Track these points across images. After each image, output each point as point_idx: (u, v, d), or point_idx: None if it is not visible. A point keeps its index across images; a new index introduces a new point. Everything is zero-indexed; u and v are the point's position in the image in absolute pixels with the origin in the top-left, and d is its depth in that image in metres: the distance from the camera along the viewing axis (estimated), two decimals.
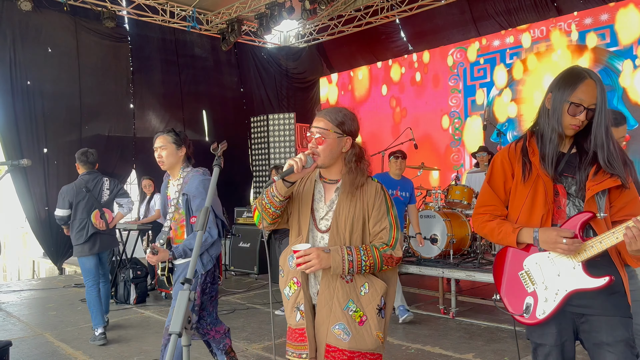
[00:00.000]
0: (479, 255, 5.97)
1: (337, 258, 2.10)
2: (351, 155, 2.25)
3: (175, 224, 3.20)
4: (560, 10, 8.87)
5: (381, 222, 2.21)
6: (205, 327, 3.40)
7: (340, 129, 2.22)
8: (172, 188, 3.29)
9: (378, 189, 2.26)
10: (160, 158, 3.21)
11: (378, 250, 2.16)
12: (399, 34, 11.06)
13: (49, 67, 9.20)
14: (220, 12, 10.61)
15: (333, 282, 2.18)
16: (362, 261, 2.12)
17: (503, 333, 5.14)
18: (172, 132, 3.27)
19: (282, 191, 2.17)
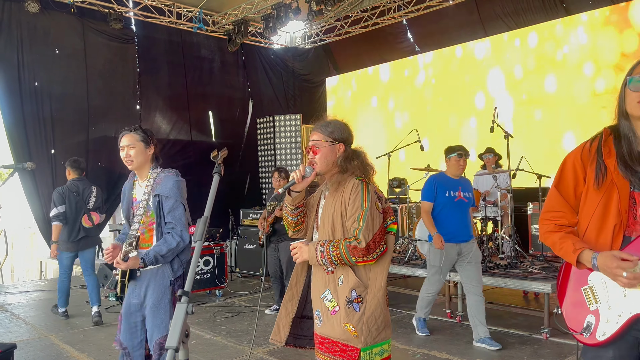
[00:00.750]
0: (486, 259, 5.91)
1: (312, 250, 2.38)
2: (341, 158, 2.43)
3: (143, 227, 3.02)
4: (569, 10, 8.78)
5: (354, 216, 2.33)
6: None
7: (332, 137, 2.45)
8: (139, 189, 3.11)
9: (355, 184, 2.37)
10: (129, 157, 3.03)
11: (343, 242, 2.31)
12: (406, 35, 11.00)
13: (57, 68, 9.23)
14: (226, 13, 10.61)
15: (317, 272, 2.47)
16: (330, 252, 2.30)
17: (511, 338, 5.08)
18: (140, 130, 3.12)
19: (289, 201, 2.48)
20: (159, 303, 2.97)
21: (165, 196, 3.00)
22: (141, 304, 3.01)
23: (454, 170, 4.98)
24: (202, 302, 6.90)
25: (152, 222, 3.02)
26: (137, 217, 2.99)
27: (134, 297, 3.02)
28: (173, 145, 10.79)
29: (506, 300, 6.39)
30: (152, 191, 3.03)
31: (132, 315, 3.04)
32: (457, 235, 4.91)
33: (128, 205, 3.12)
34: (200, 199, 9.61)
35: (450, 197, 4.90)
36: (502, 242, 6.57)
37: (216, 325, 5.81)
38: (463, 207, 4.97)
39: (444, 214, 4.91)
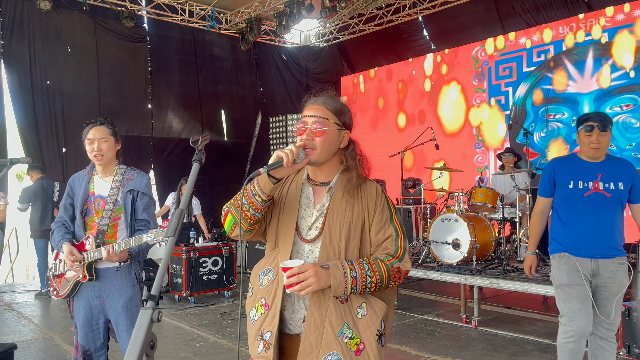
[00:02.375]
0: (503, 262, 5.66)
1: (339, 275, 1.73)
2: (352, 151, 1.92)
3: (109, 222, 2.93)
4: (591, 6, 8.47)
5: (385, 229, 1.86)
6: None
7: (340, 120, 1.89)
8: (101, 184, 2.99)
9: (379, 190, 1.92)
10: (100, 151, 2.90)
11: (384, 264, 1.80)
12: (422, 32, 10.75)
13: (69, 67, 9.20)
14: (239, 11, 10.49)
15: (325, 302, 1.79)
16: (368, 277, 1.76)
17: (529, 345, 4.83)
18: (111, 124, 2.98)
19: (267, 188, 1.77)
20: (130, 303, 2.91)
21: (141, 192, 2.97)
22: (102, 304, 2.92)
23: (585, 149, 3.28)
24: (210, 304, 6.76)
25: (117, 218, 2.93)
26: (107, 212, 2.91)
27: (94, 299, 2.93)
28: (185, 144, 10.70)
29: (524, 305, 6.13)
30: (123, 186, 2.96)
31: (93, 317, 2.95)
32: (590, 247, 3.19)
33: (84, 199, 2.95)
34: (212, 198, 9.51)
35: (578, 189, 3.25)
36: (519, 245, 6.31)
37: (223, 327, 5.65)
38: (601, 204, 3.23)
39: (568, 215, 3.31)
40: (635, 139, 7.90)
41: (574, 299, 3.17)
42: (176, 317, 6.13)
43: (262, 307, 1.86)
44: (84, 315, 2.94)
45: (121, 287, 2.91)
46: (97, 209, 2.96)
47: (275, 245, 1.90)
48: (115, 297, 2.90)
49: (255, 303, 1.89)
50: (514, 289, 5.21)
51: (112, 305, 2.90)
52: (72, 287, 2.94)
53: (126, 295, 2.90)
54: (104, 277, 2.92)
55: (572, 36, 8.59)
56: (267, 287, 1.86)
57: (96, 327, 2.96)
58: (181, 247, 6.78)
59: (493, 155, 9.53)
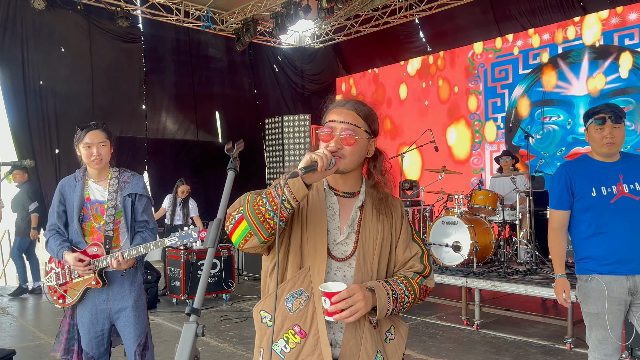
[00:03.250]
0: (504, 264, 5.67)
1: (383, 296, 1.62)
2: (380, 163, 1.78)
3: (113, 226, 2.95)
4: (587, 9, 8.53)
5: (410, 247, 1.79)
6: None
7: (370, 127, 1.73)
8: (97, 189, 2.96)
9: (402, 207, 1.83)
10: (99, 156, 2.88)
11: (416, 282, 1.73)
12: (418, 34, 10.77)
13: (62, 67, 9.09)
14: (235, 12, 10.43)
15: (360, 328, 1.66)
16: (405, 297, 1.68)
17: (532, 348, 4.84)
18: (106, 127, 2.98)
19: (300, 194, 1.57)
20: (138, 301, 2.96)
21: (140, 194, 3.00)
22: (109, 309, 2.92)
23: (597, 147, 2.84)
24: (209, 307, 6.69)
25: (118, 222, 2.95)
26: (109, 217, 2.90)
27: (100, 304, 2.92)
28: (179, 145, 10.63)
29: (523, 307, 6.13)
30: (121, 190, 2.96)
31: (99, 323, 2.93)
32: (626, 262, 2.75)
33: (80, 205, 2.90)
34: (206, 200, 9.46)
35: (603, 195, 2.80)
36: (519, 247, 6.33)
37: (223, 331, 5.60)
38: (631, 210, 2.78)
39: (595, 227, 2.81)
40: (630, 142, 7.96)
41: (600, 328, 2.81)
42: (175, 320, 6.07)
43: (295, 335, 1.66)
44: (89, 320, 2.91)
45: (129, 288, 2.95)
46: (95, 215, 2.93)
47: (302, 263, 1.69)
48: (125, 299, 2.92)
49: (282, 333, 1.68)
50: (516, 292, 5.21)
51: (120, 307, 2.92)
52: (81, 294, 2.91)
53: (134, 296, 2.95)
54: (112, 281, 2.94)
55: (568, 39, 8.65)
56: (300, 311, 1.67)
57: (101, 333, 2.95)
58: (179, 250, 6.71)
59: (490, 157, 9.58)
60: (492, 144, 9.58)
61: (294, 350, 1.65)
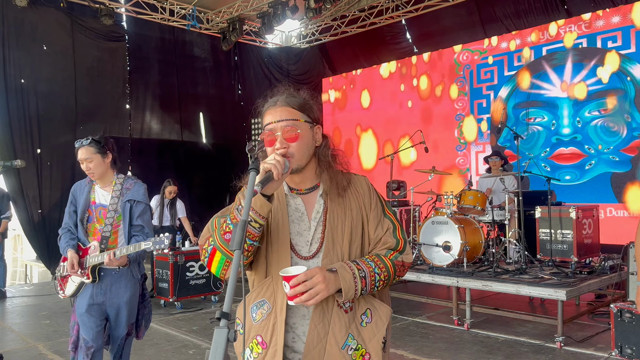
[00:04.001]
0: (493, 264, 5.72)
1: (348, 276, 1.57)
2: (325, 148, 1.73)
3: (111, 229, 3.21)
4: (570, 12, 8.67)
5: (382, 223, 1.73)
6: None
7: (310, 116, 1.69)
8: (102, 194, 3.25)
9: (369, 183, 1.79)
10: (90, 170, 3.16)
11: (388, 259, 1.67)
12: (404, 35, 10.82)
13: (44, 65, 8.92)
14: (221, 11, 10.35)
15: (328, 312, 1.63)
16: (376, 275, 1.62)
17: (523, 347, 4.89)
18: (94, 142, 3.18)
19: (264, 210, 1.55)
20: (132, 298, 3.23)
21: (137, 201, 3.23)
22: (104, 301, 3.17)
23: None
24: (198, 309, 6.62)
25: (117, 225, 3.21)
26: (109, 219, 3.18)
27: (98, 296, 3.16)
28: (163, 145, 10.50)
29: (510, 306, 6.20)
30: (122, 196, 3.22)
31: (95, 314, 3.17)
32: None
33: (85, 207, 3.22)
34: (190, 201, 9.33)
35: None
36: (508, 247, 6.39)
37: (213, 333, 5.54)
38: None
39: None
40: (613, 142, 8.11)
41: None
42: (164, 323, 5.99)
43: (258, 345, 1.65)
44: (86, 309, 3.15)
45: (126, 284, 3.20)
46: (98, 217, 3.23)
47: (267, 273, 1.67)
48: (120, 294, 3.19)
49: (248, 342, 1.67)
50: (507, 291, 5.26)
51: (115, 301, 3.18)
52: (77, 287, 3.21)
53: (130, 291, 3.21)
54: (109, 277, 3.18)
55: (552, 41, 8.77)
56: (262, 322, 1.65)
57: (101, 324, 3.18)
58: (167, 252, 6.62)
59: (475, 157, 9.67)
60: (478, 144, 9.68)
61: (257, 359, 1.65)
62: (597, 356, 4.55)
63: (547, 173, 8.30)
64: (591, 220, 6.11)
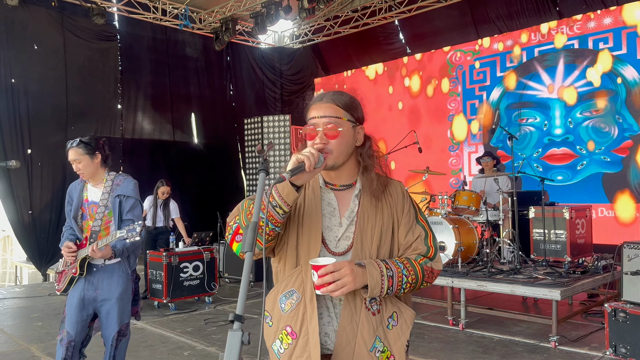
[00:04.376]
0: (488, 264, 5.74)
1: (375, 273, 1.58)
2: (368, 148, 1.76)
3: (101, 224, 3.27)
4: (562, 14, 8.73)
5: (413, 229, 1.74)
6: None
7: (353, 115, 1.73)
8: (93, 192, 3.32)
9: (403, 189, 1.81)
10: (79, 171, 3.24)
11: (418, 263, 1.68)
12: (397, 36, 10.84)
13: (35, 65, 8.84)
14: (214, 11, 10.31)
15: (357, 314, 1.65)
16: (404, 277, 1.63)
17: (518, 347, 4.91)
18: (82, 144, 3.24)
19: (290, 198, 1.57)
20: (124, 294, 3.23)
21: (127, 196, 3.28)
22: (95, 297, 3.19)
23: None
24: (192, 310, 6.59)
25: (108, 221, 3.26)
26: (99, 214, 3.23)
27: (89, 291, 3.20)
28: (155, 146, 10.43)
29: (504, 306, 6.23)
30: (112, 192, 3.27)
31: (84, 309, 3.21)
32: None
33: (78, 205, 3.30)
34: (182, 201, 9.26)
35: None
36: (502, 247, 6.42)
37: (209, 334, 5.52)
38: None
39: None
40: (604, 143, 8.18)
41: None
42: (159, 324, 5.95)
43: (287, 336, 1.66)
44: (77, 304, 3.19)
45: (117, 280, 3.22)
46: (91, 214, 3.28)
47: (297, 262, 1.69)
48: (112, 290, 3.21)
49: (278, 333, 1.69)
50: (502, 291, 5.28)
51: (107, 297, 3.19)
52: (69, 282, 3.23)
53: (121, 288, 3.22)
54: (100, 272, 3.22)
55: (544, 42, 8.83)
56: (291, 312, 1.67)
57: (86, 318, 3.22)
58: (161, 252, 6.58)
59: (467, 157, 9.71)
60: (471, 145, 9.72)
61: (287, 351, 1.66)
62: (592, 355, 4.58)
63: (539, 173, 8.36)
64: (584, 221, 6.16)
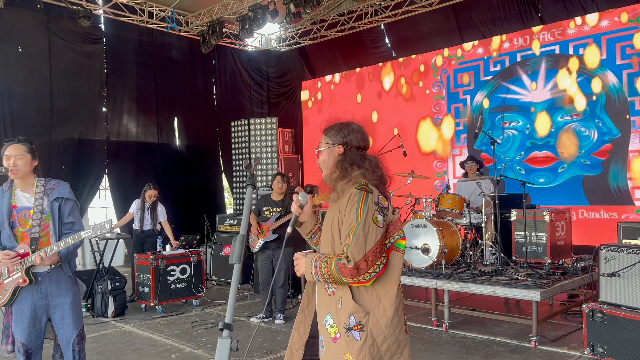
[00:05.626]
0: (471, 266, 5.86)
1: (308, 263, 2.14)
2: (341, 160, 2.21)
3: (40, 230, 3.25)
4: (544, 20, 8.92)
5: (347, 231, 2.10)
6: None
7: (331, 139, 2.25)
8: (24, 197, 3.25)
9: (352, 194, 2.11)
10: (15, 167, 3.16)
11: (335, 259, 2.07)
12: (383, 40, 10.96)
13: (19, 67, 8.80)
14: (200, 14, 10.34)
15: (320, 292, 2.22)
16: (322, 268, 2.09)
17: (499, 347, 5.03)
18: (28, 142, 3.24)
19: (303, 232, 2.37)
20: (75, 298, 3.28)
21: (66, 199, 3.30)
22: (47, 304, 3.20)
23: None
24: (179, 313, 6.62)
25: (46, 225, 3.24)
26: (35, 220, 3.19)
27: (39, 300, 3.19)
28: (140, 148, 10.41)
29: (487, 307, 6.36)
30: (47, 196, 3.26)
31: (37, 317, 3.20)
32: None
33: (8, 213, 3.21)
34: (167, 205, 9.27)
35: None
36: (485, 249, 6.55)
37: (196, 337, 5.56)
38: None
39: None
40: (585, 146, 8.37)
41: None
42: (146, 327, 5.98)
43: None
44: (30, 316, 3.18)
45: (67, 286, 3.26)
46: (23, 220, 3.23)
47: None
48: (63, 295, 3.23)
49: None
50: (484, 293, 5.40)
51: (58, 303, 3.22)
52: (12, 293, 3.17)
53: (72, 293, 3.27)
54: (47, 279, 3.21)
55: (526, 47, 9.00)
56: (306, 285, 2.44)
57: (39, 327, 3.23)
58: (148, 255, 6.61)
59: (452, 160, 9.85)
60: (455, 148, 9.86)
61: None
62: (570, 355, 4.72)
63: (522, 176, 8.52)
64: (564, 223, 6.31)
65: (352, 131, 2.25)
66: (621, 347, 4.32)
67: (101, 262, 6.83)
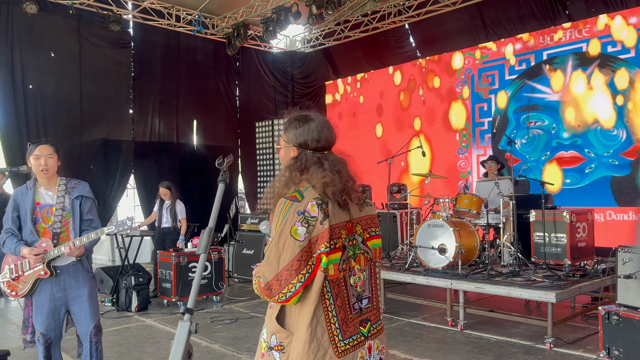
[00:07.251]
0: (488, 267, 5.82)
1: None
2: (292, 164, 1.93)
3: (62, 226, 3.43)
4: (572, 17, 8.74)
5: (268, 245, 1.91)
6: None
7: (286, 137, 1.99)
8: (47, 195, 3.45)
9: (280, 203, 1.86)
10: (46, 166, 3.37)
11: (256, 275, 1.88)
12: (408, 39, 10.94)
13: (51, 71, 9.14)
14: (226, 17, 10.54)
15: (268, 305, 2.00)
16: (254, 283, 1.90)
17: (514, 348, 4.99)
18: (54, 143, 3.45)
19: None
20: (92, 291, 3.45)
21: (85, 197, 3.49)
22: (66, 296, 3.37)
23: None
24: (200, 308, 6.78)
25: (67, 222, 3.42)
26: (57, 217, 3.38)
27: (58, 292, 3.37)
28: (166, 149, 10.64)
29: (507, 308, 6.29)
30: (69, 194, 3.45)
31: (56, 309, 3.37)
32: None
33: (31, 210, 3.39)
34: (191, 204, 9.50)
35: None
36: (503, 250, 6.48)
37: (214, 332, 5.70)
38: None
39: None
40: (612, 146, 8.16)
41: None
42: (167, 322, 6.15)
43: None
44: (49, 307, 3.36)
45: (84, 279, 3.44)
46: (45, 217, 3.42)
47: None
48: (80, 288, 3.41)
49: None
50: (499, 293, 5.36)
51: (77, 295, 3.40)
52: (32, 285, 3.35)
53: (89, 286, 3.45)
54: (66, 272, 3.39)
55: (553, 45, 8.84)
56: None
57: (58, 318, 3.40)
58: (170, 252, 6.80)
59: (476, 160, 9.75)
60: (479, 148, 9.76)
61: None
62: (586, 357, 4.64)
63: (546, 177, 8.38)
64: (585, 224, 6.19)
65: (300, 127, 1.98)
66: (637, 350, 4.22)
67: (126, 259, 7.06)
